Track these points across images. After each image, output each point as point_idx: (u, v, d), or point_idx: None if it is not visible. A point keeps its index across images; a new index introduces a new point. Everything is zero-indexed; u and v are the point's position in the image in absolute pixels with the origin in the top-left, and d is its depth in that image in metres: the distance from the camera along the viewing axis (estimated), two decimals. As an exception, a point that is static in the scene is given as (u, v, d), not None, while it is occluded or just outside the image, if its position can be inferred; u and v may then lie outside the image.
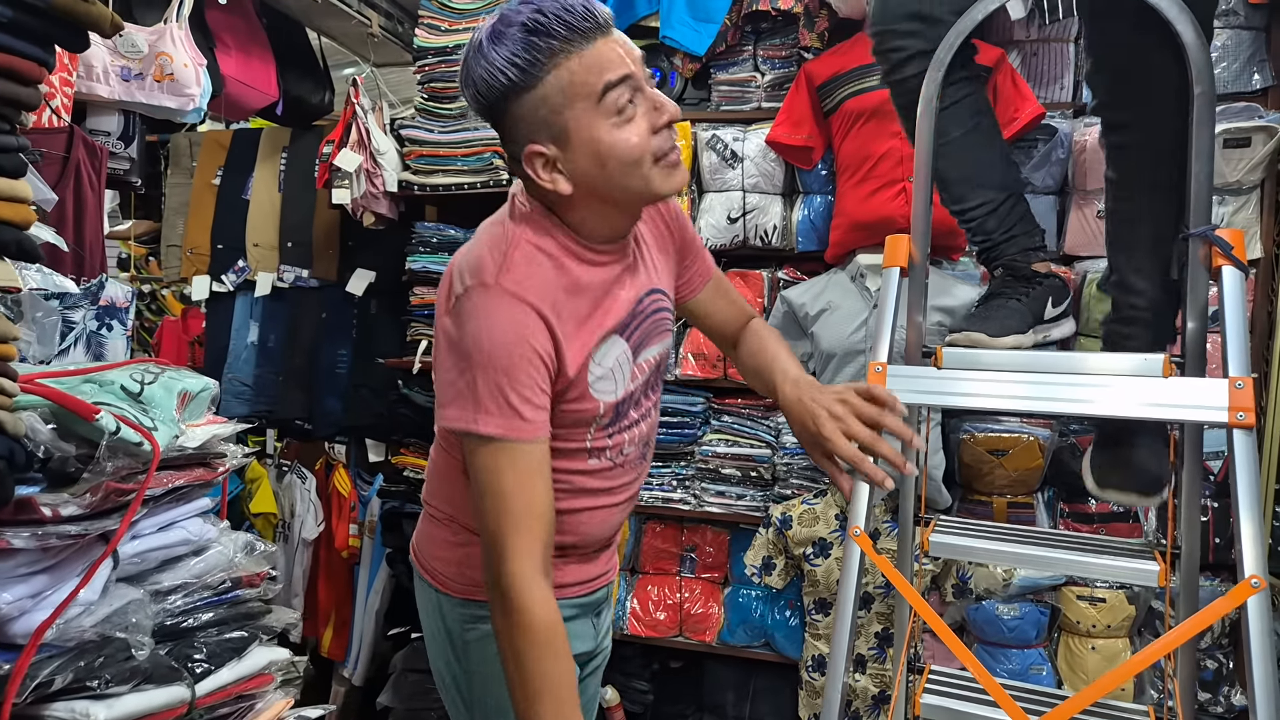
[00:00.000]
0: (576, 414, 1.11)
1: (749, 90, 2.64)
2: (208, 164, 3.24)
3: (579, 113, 1.00)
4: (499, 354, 1.01)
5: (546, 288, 1.05)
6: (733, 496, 2.64)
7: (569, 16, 0.98)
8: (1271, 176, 2.26)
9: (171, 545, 0.83)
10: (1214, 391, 0.97)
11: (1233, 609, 0.91)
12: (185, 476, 0.83)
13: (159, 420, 0.82)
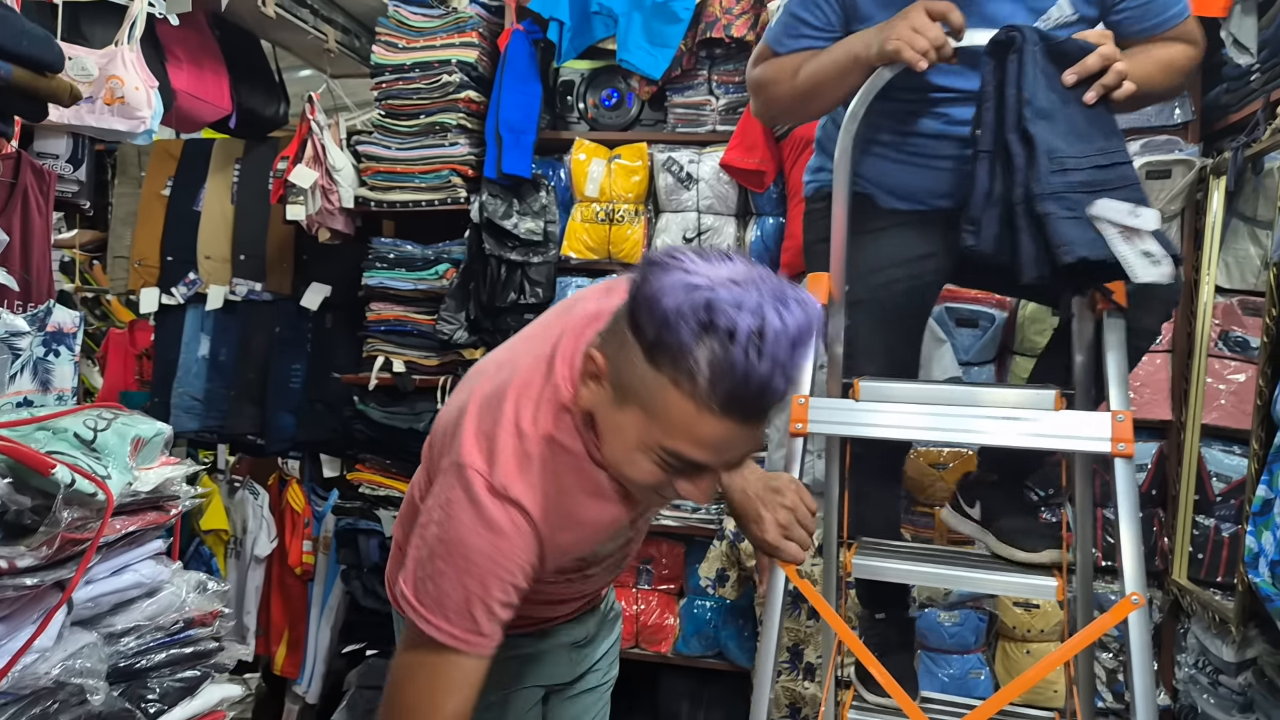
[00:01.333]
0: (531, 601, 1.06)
1: (704, 114, 2.70)
2: (157, 174, 3.20)
3: (643, 422, 0.87)
4: (479, 568, 0.93)
5: (557, 501, 0.97)
6: (688, 509, 2.70)
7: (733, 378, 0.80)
8: (1190, 206, 2.38)
9: (124, 589, 0.85)
10: (1097, 424, 1.05)
11: (1115, 624, 0.99)
12: (138, 521, 0.85)
13: (112, 467, 0.84)
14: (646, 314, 0.82)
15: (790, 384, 0.83)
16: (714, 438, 0.84)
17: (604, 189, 2.69)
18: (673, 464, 0.88)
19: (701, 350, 0.79)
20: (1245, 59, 2.11)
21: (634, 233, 2.69)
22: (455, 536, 0.93)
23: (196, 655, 0.90)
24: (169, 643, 0.88)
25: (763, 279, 0.82)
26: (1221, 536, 2.30)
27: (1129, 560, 1.02)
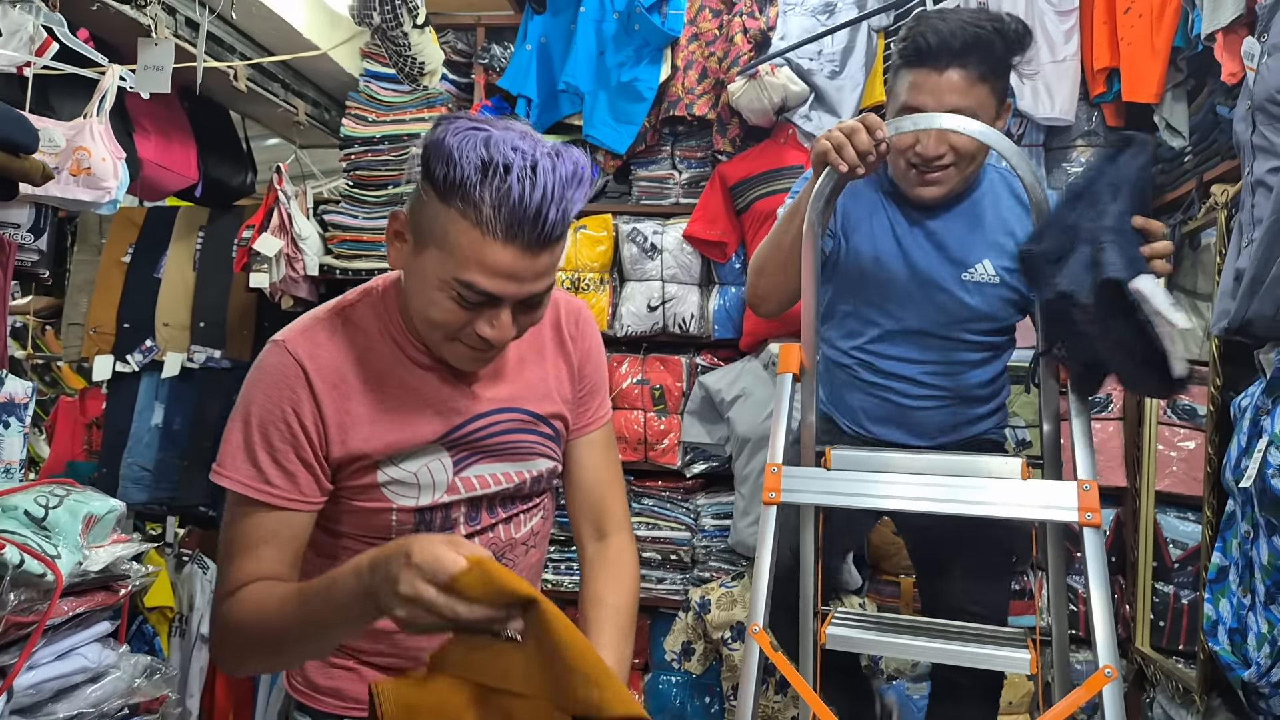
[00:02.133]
0: (367, 511, 1.06)
1: (667, 186, 2.77)
2: (118, 241, 3.17)
3: (439, 259, 0.94)
4: (256, 410, 1.01)
5: (339, 364, 1.03)
6: (653, 580, 2.66)
7: (510, 203, 0.90)
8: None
9: (69, 674, 0.81)
10: (1065, 493, 1.07)
11: (1090, 697, 1.00)
12: (86, 602, 0.82)
13: (63, 547, 0.82)
14: (435, 156, 0.92)
15: (564, 219, 0.92)
16: (501, 265, 0.93)
17: (570, 258, 2.73)
18: (469, 299, 0.95)
19: (483, 183, 0.90)
20: (1178, 141, 2.24)
21: (599, 301, 2.72)
22: (241, 396, 1.03)
23: (142, 744, 0.86)
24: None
25: (541, 140, 0.94)
26: (1181, 604, 2.33)
27: (1101, 631, 1.03)
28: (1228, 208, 1.88)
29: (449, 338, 1.00)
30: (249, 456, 1.00)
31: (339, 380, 1.03)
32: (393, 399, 1.05)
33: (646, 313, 2.70)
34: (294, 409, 1.00)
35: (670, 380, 2.72)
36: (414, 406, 1.06)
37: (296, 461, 1.01)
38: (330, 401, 1.02)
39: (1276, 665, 1.51)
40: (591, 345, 1.21)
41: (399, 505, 1.06)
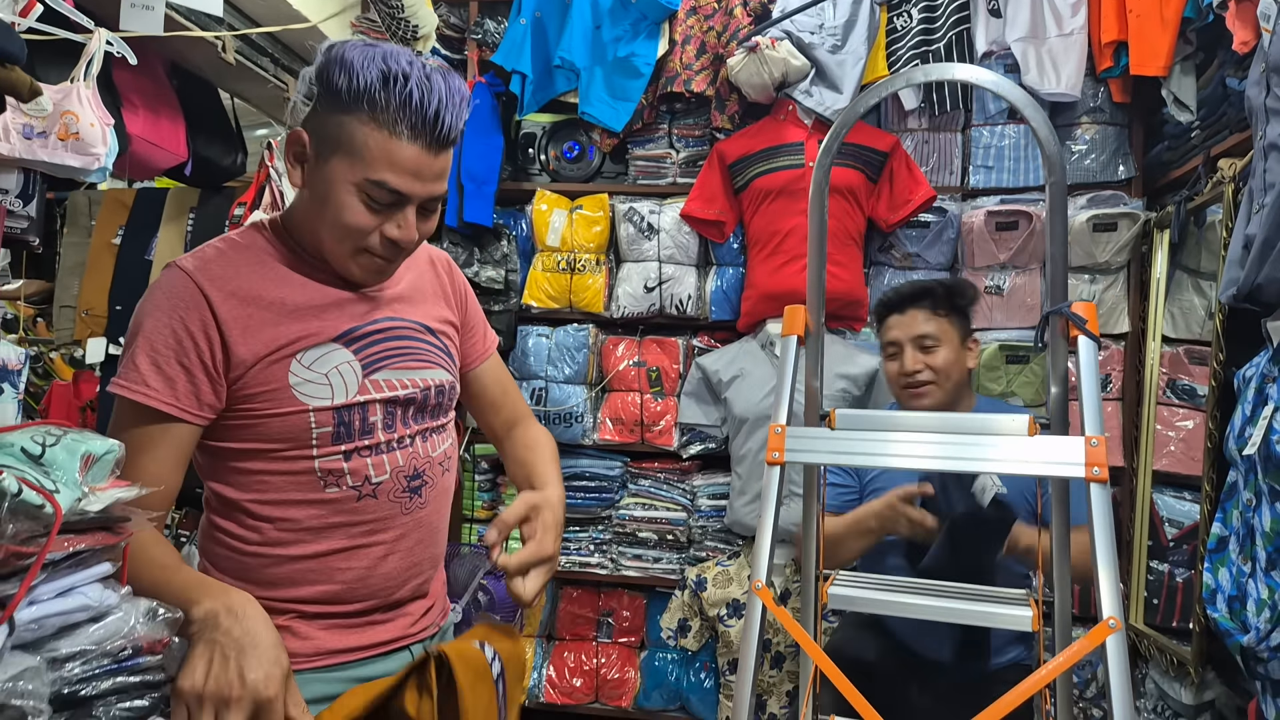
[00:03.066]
0: (282, 421, 1.08)
1: (664, 166, 2.75)
2: (108, 223, 3.14)
3: (346, 164, 1.03)
4: (146, 323, 1.05)
5: (229, 275, 1.08)
6: (649, 560, 2.66)
7: (412, 105, 1.01)
8: (1136, 258, 2.48)
9: (70, 611, 0.79)
10: (1072, 449, 1.05)
11: (1093, 648, 0.98)
12: (87, 540, 0.80)
13: (61, 483, 0.80)
14: (338, 69, 1.01)
15: (456, 124, 1.04)
16: (407, 162, 1.03)
17: (565, 239, 2.71)
18: (378, 199, 1.04)
19: (385, 88, 1.00)
20: (1185, 116, 2.23)
21: (595, 282, 2.70)
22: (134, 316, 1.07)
23: (145, 685, 0.83)
24: (116, 670, 0.81)
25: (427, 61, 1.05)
26: (1175, 582, 2.34)
27: (1105, 584, 1.01)
28: (1235, 181, 1.88)
29: (358, 247, 1.07)
30: (131, 363, 1.05)
31: (234, 289, 1.07)
32: (293, 302, 1.10)
33: (643, 294, 2.69)
34: (181, 316, 1.05)
35: (667, 362, 2.71)
36: (315, 308, 1.11)
37: (176, 366, 1.04)
38: (227, 308, 1.06)
39: (1276, 630, 1.51)
40: (464, 282, 1.32)
41: (315, 406, 1.08)
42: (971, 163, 2.57)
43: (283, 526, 1.11)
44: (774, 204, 2.49)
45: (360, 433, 1.12)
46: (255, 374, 1.07)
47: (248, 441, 1.09)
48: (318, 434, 1.09)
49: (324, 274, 1.13)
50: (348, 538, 1.12)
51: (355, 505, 1.13)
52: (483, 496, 2.77)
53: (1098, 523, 1.04)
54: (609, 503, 2.68)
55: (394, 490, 1.15)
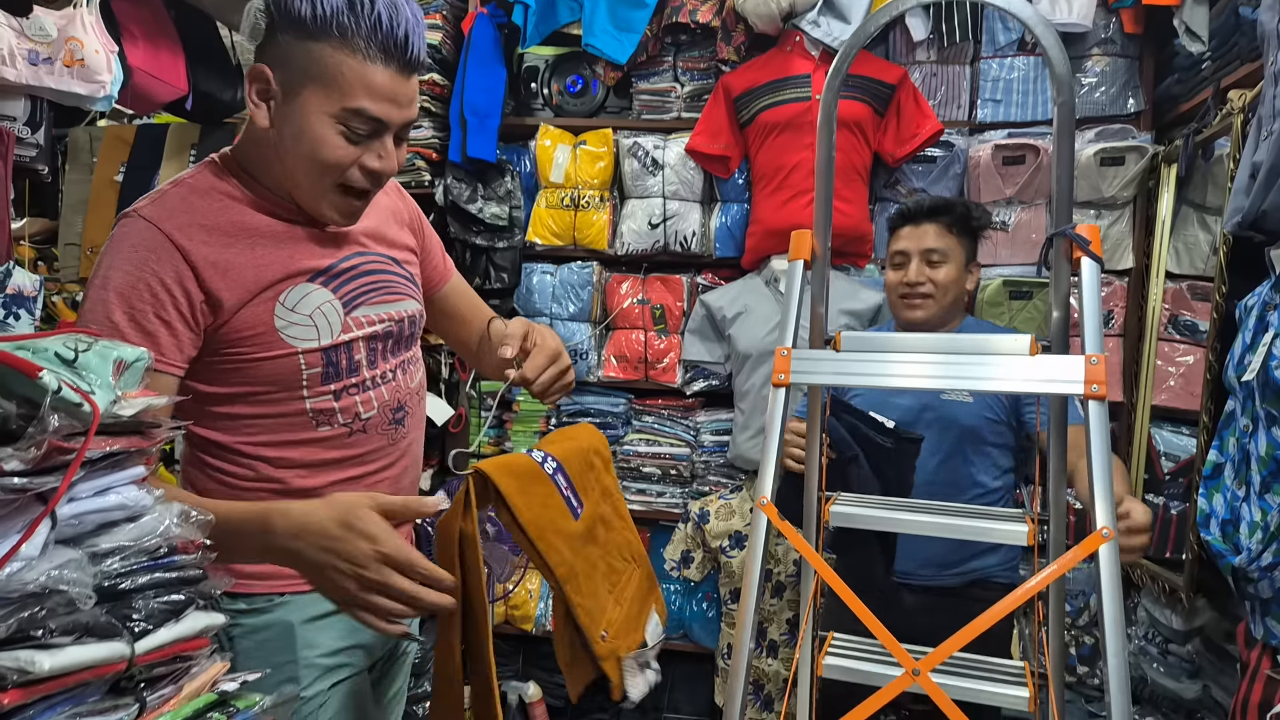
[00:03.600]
0: (272, 364, 1.08)
1: (669, 100, 2.73)
2: (109, 160, 3.12)
3: (320, 95, 1.00)
4: (115, 276, 1.01)
5: (196, 221, 1.04)
6: (653, 494, 2.70)
7: (383, 29, 0.99)
8: (1143, 193, 2.47)
9: (108, 509, 0.82)
10: (1072, 367, 1.06)
11: (1086, 556, 1.01)
12: (122, 442, 0.83)
13: (96, 385, 0.82)
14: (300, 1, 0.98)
15: (423, 45, 1.04)
16: (383, 87, 1.01)
17: (569, 175, 2.70)
18: (357, 128, 1.02)
19: (352, 12, 0.98)
20: (1197, 46, 2.21)
21: (599, 218, 2.70)
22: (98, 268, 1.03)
23: (181, 580, 0.87)
24: (153, 566, 0.85)
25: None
26: (1170, 514, 2.39)
27: (1100, 497, 1.04)
28: (1245, 111, 1.87)
29: (337, 182, 1.05)
30: (107, 320, 1.00)
31: (205, 236, 1.05)
32: (264, 244, 1.08)
33: (648, 230, 2.69)
34: (154, 269, 1.01)
35: (671, 300, 2.72)
36: (286, 248, 1.10)
37: (155, 320, 1.02)
38: (201, 255, 1.04)
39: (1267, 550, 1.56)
40: (416, 206, 1.31)
41: (303, 348, 1.09)
42: (980, 96, 2.55)
43: (278, 464, 1.12)
44: (780, 138, 2.48)
45: (347, 371, 1.14)
46: (240, 318, 1.06)
47: (234, 385, 1.08)
48: (307, 375, 1.11)
49: (288, 212, 1.11)
50: (341, 470, 1.16)
51: (347, 441, 1.16)
52: (490, 433, 2.81)
53: (1095, 440, 1.06)
54: (614, 439, 2.72)
55: (381, 424, 1.18)
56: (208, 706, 0.88)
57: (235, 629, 1.15)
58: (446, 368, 2.71)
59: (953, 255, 1.80)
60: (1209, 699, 2.13)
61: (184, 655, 0.86)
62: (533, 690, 2.69)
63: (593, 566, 1.14)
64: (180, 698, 0.86)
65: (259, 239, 1.08)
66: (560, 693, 2.77)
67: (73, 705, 0.74)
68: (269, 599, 1.16)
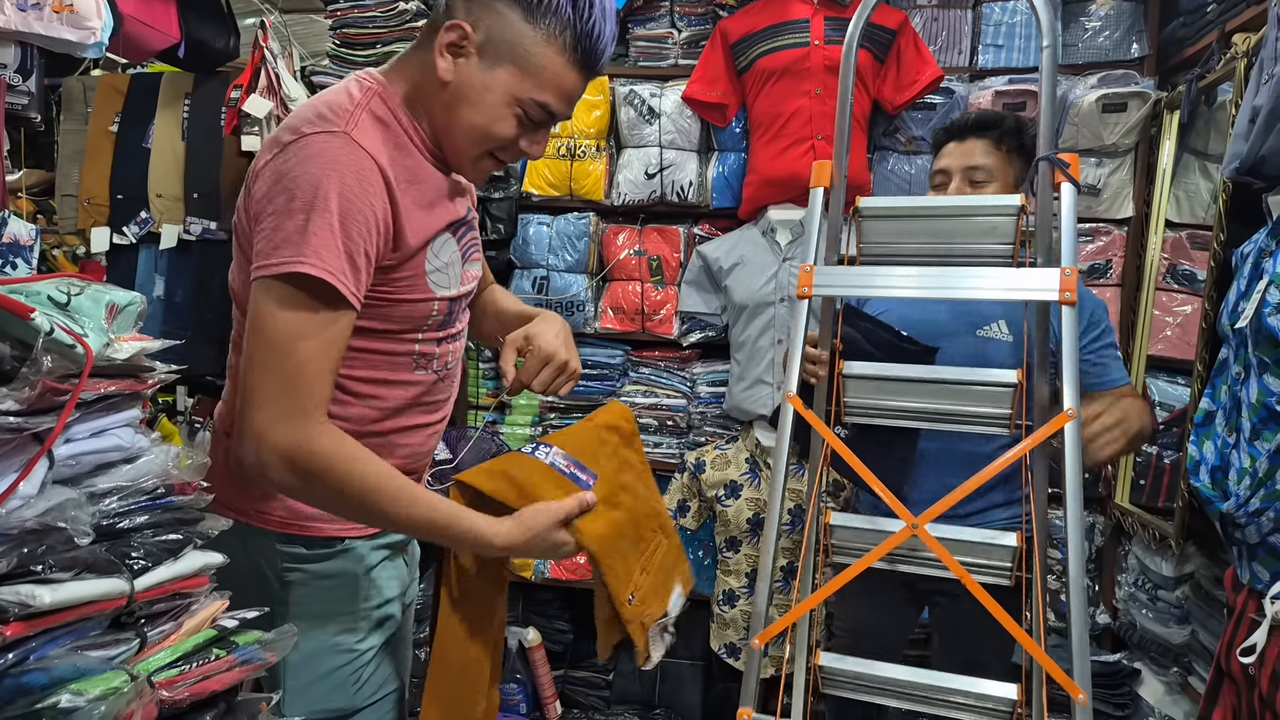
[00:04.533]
0: (411, 306, 1.08)
1: (666, 47, 2.69)
2: (104, 110, 3.09)
3: (517, 77, 1.02)
4: (337, 199, 0.95)
5: (393, 156, 1.03)
6: (650, 444, 2.73)
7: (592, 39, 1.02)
8: (1144, 141, 2.45)
9: (104, 450, 0.84)
10: (1048, 277, 1.21)
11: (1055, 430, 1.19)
12: (116, 385, 0.84)
13: (89, 329, 0.83)
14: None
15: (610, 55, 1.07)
16: (574, 90, 1.06)
17: (564, 125, 2.67)
18: (534, 117, 1.05)
19: (575, 12, 1.00)
20: (1203, -13, 2.16)
21: (596, 168, 2.68)
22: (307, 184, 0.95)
23: (179, 520, 0.89)
24: (151, 506, 0.87)
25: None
26: (1163, 464, 2.41)
27: (1068, 385, 1.19)
28: (1248, 56, 1.84)
29: (489, 153, 1.08)
30: (335, 247, 0.95)
31: (398, 173, 1.03)
32: (431, 191, 1.09)
33: (644, 180, 2.67)
34: (370, 201, 0.98)
35: (668, 251, 2.72)
36: (438, 195, 1.11)
37: (363, 256, 0.98)
38: (399, 193, 1.02)
39: (1254, 496, 1.58)
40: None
41: (439, 295, 1.11)
42: (981, 41, 2.51)
43: (369, 403, 1.12)
44: (777, 85, 2.44)
45: (452, 323, 1.18)
46: (407, 261, 1.06)
47: (366, 320, 1.06)
48: (430, 321, 1.13)
49: (439, 161, 1.11)
50: (414, 416, 1.17)
51: (433, 386, 1.18)
52: (487, 384, 2.83)
53: (1066, 340, 1.21)
54: (610, 390, 2.73)
55: (452, 375, 1.22)
56: (208, 642, 0.91)
57: (294, 573, 1.13)
58: (445, 319, 2.72)
59: (999, 174, 1.65)
60: (1197, 644, 2.18)
61: (183, 593, 0.89)
62: (532, 635, 2.75)
63: (619, 532, 1.17)
64: (180, 633, 0.89)
65: (428, 186, 1.09)
66: (559, 638, 2.83)
67: (74, 638, 0.76)
68: (330, 543, 1.15)
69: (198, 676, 0.87)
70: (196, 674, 0.87)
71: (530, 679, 2.77)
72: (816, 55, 2.39)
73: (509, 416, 2.80)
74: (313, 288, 0.96)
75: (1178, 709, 2.24)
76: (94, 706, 0.72)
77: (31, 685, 0.71)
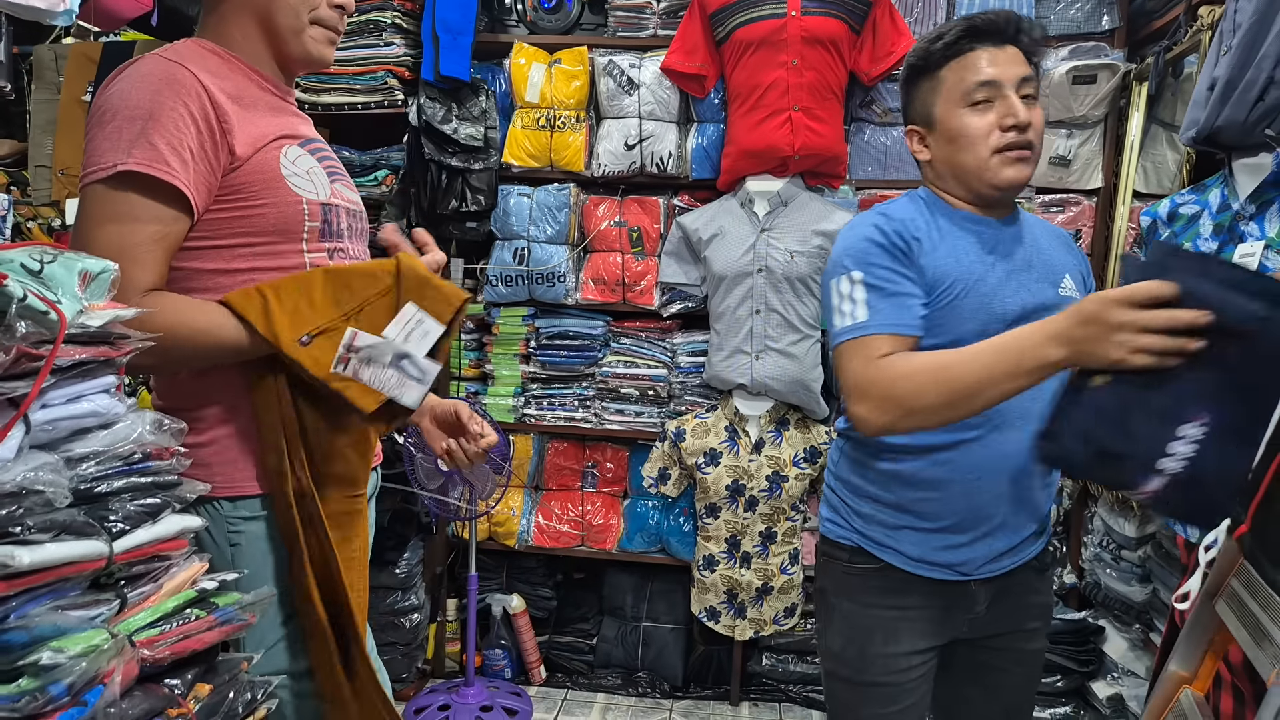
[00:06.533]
0: (280, 213, 1.14)
1: (645, 17, 2.68)
2: (76, 79, 3.05)
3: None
4: (143, 103, 1.04)
5: (209, 70, 1.11)
6: (631, 414, 2.76)
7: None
8: (1114, 112, 2.48)
9: (80, 416, 0.85)
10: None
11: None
12: (91, 351, 0.86)
13: (62, 296, 0.85)
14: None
15: None
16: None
17: (544, 95, 2.67)
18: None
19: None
20: (1170, -39, 2.18)
21: (575, 139, 2.68)
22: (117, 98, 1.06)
23: (157, 485, 0.91)
24: (128, 471, 0.89)
25: None
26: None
27: None
28: (1214, 27, 1.87)
29: (312, 19, 1.19)
30: (144, 143, 1.03)
31: (218, 83, 1.11)
32: (262, 105, 1.18)
33: (624, 151, 2.67)
34: (186, 103, 1.06)
35: (648, 222, 2.73)
36: (280, 113, 1.20)
37: (191, 154, 1.06)
38: (221, 98, 1.10)
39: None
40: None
41: (306, 198, 1.16)
42: (955, 12, 2.52)
43: None
44: (755, 56, 2.45)
45: (335, 234, 1.22)
46: (252, 163, 1.12)
47: (236, 237, 1.13)
48: (308, 227, 1.17)
49: (271, 84, 1.21)
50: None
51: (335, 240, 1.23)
52: (469, 355, 2.85)
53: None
54: (592, 360, 2.76)
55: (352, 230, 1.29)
56: (187, 603, 0.93)
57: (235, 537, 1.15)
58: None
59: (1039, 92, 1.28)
60: (1158, 601, 2.25)
61: (162, 555, 0.91)
62: (516, 602, 2.80)
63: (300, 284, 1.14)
64: (160, 594, 0.91)
65: (257, 100, 1.16)
66: (543, 605, 2.88)
67: (54, 598, 0.78)
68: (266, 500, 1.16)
69: (178, 636, 0.90)
70: (176, 634, 0.90)
71: (515, 644, 2.82)
72: (793, 26, 2.40)
73: (491, 387, 2.82)
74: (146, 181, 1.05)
75: (1139, 664, 2.32)
76: (74, 663, 0.75)
77: (12, 643, 0.74)
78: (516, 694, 2.67)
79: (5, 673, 0.73)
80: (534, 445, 2.85)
